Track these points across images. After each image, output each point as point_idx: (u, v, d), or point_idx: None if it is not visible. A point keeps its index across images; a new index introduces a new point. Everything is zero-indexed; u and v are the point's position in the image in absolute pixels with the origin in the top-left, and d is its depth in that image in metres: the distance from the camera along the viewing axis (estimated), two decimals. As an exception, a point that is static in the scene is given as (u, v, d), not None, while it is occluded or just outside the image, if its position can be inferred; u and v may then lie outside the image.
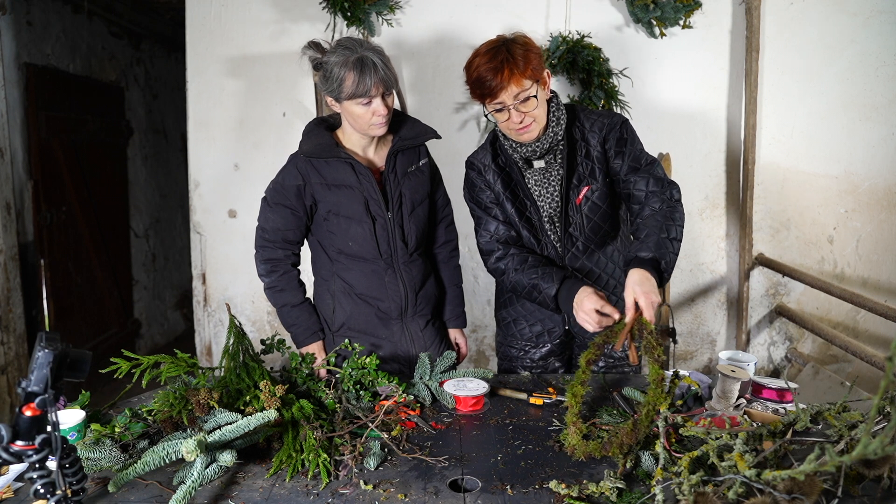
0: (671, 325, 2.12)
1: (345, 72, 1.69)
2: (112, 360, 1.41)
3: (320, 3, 2.96)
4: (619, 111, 3.02)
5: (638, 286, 1.47)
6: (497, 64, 1.60)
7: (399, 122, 1.88)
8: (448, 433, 1.48)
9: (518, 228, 1.84)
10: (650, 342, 1.38)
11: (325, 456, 1.30)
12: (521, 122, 1.66)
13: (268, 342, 1.73)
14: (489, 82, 1.61)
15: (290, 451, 1.32)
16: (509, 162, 1.81)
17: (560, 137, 1.74)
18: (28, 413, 0.96)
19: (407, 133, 1.89)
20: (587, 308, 1.57)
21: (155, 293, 5.24)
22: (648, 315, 1.44)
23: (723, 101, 3.13)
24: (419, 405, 1.61)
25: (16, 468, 1.14)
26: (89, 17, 4.24)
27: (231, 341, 1.56)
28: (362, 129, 1.79)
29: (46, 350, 0.97)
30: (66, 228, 3.99)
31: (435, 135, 1.92)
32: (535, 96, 1.65)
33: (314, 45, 1.78)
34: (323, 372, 1.76)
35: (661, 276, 1.54)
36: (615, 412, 1.55)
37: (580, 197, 1.78)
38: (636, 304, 1.45)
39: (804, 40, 3.08)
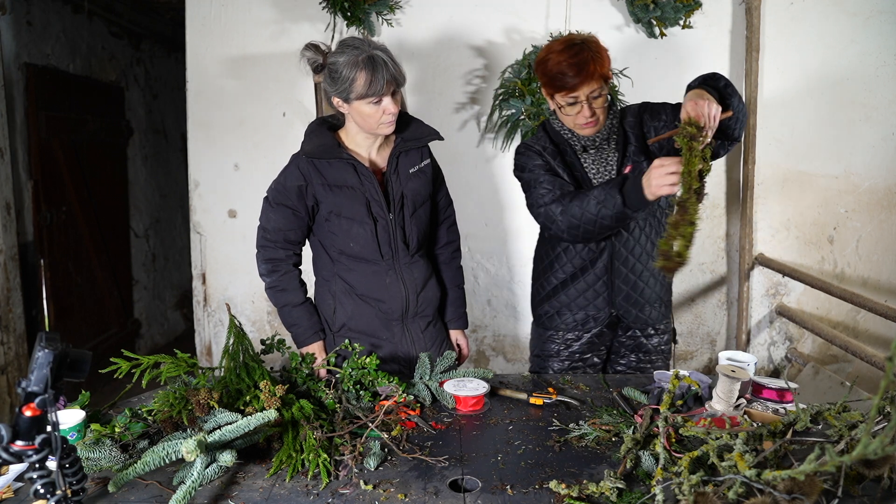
0: (671, 326, 2.13)
1: (356, 71, 1.68)
2: (112, 360, 1.41)
3: (320, 3, 2.96)
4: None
5: (687, 102, 1.55)
6: (581, 60, 1.75)
7: (402, 122, 1.88)
8: (448, 433, 1.48)
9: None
10: (685, 128, 1.45)
11: (325, 456, 1.30)
12: (591, 117, 1.82)
13: (268, 342, 1.73)
14: (571, 78, 1.76)
15: (290, 451, 1.32)
16: (564, 148, 1.94)
17: (616, 126, 1.93)
18: (28, 413, 0.96)
19: (410, 134, 1.89)
20: (661, 169, 1.59)
21: (155, 293, 5.24)
22: (696, 111, 1.51)
23: (723, 101, 3.13)
24: (419, 405, 1.61)
25: (16, 468, 1.14)
26: (89, 17, 4.24)
27: (231, 341, 1.56)
28: (371, 128, 1.78)
29: (46, 350, 0.97)
30: (66, 228, 3.99)
31: (437, 136, 1.92)
32: (604, 94, 1.81)
33: (313, 48, 1.77)
34: (323, 372, 1.76)
35: (721, 95, 1.62)
36: (615, 412, 1.55)
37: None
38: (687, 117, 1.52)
39: (804, 40, 3.08)
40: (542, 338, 2.10)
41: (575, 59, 1.75)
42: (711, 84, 1.66)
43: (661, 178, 1.58)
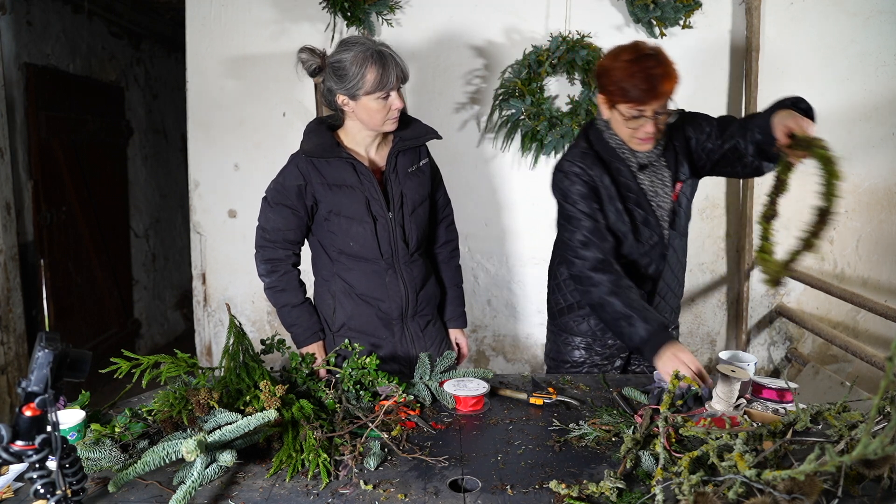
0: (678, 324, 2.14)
1: (366, 67, 1.68)
2: (112, 360, 1.41)
3: (320, 3, 2.96)
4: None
5: (782, 121, 1.50)
6: (656, 74, 1.64)
7: (401, 122, 1.87)
8: (448, 433, 1.48)
9: (620, 229, 1.83)
10: (808, 139, 1.43)
11: (325, 456, 1.30)
12: (652, 133, 1.72)
13: (268, 342, 1.73)
14: (643, 93, 1.65)
15: (290, 451, 1.32)
16: (617, 167, 1.81)
17: (667, 141, 1.85)
18: (28, 413, 0.96)
19: (408, 133, 1.89)
20: (685, 357, 1.57)
21: (155, 293, 5.24)
22: (801, 126, 1.46)
23: (723, 101, 3.13)
24: (419, 405, 1.61)
25: (16, 468, 1.14)
26: (89, 17, 4.24)
27: (231, 341, 1.56)
28: (377, 125, 1.78)
29: (46, 350, 0.97)
30: (66, 228, 3.99)
31: (436, 135, 1.92)
32: (668, 112, 1.72)
33: (308, 51, 1.77)
34: (323, 372, 1.76)
35: (807, 114, 1.56)
36: (615, 412, 1.55)
37: (675, 193, 1.87)
38: (790, 133, 1.48)
39: (804, 40, 3.08)
40: (566, 345, 2.02)
41: (651, 72, 1.65)
42: (796, 105, 1.62)
43: (684, 362, 1.56)
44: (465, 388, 1.62)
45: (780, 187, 1.57)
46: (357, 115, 1.79)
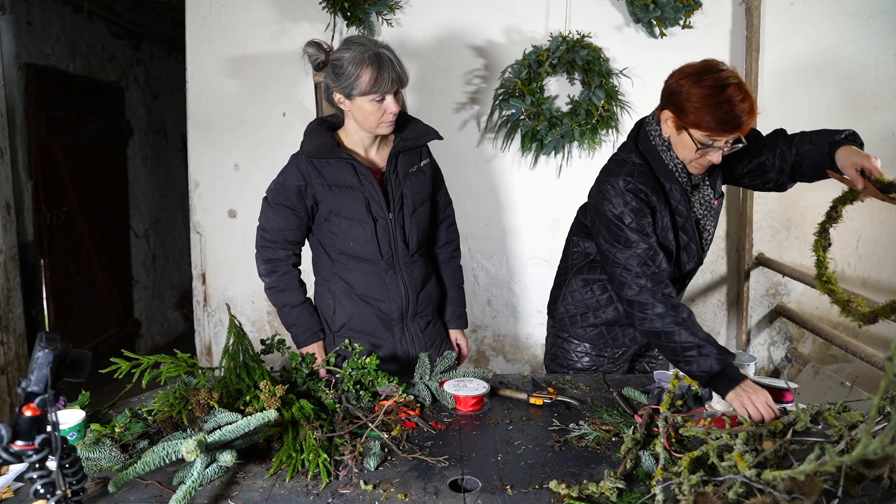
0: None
1: (362, 67, 1.68)
2: (112, 360, 1.41)
3: (320, 3, 2.96)
4: (619, 111, 3.02)
5: (853, 157, 1.49)
6: (745, 108, 1.54)
7: (402, 122, 1.88)
8: (448, 433, 1.48)
9: (666, 249, 1.75)
10: (887, 184, 1.44)
11: (325, 456, 1.30)
12: (717, 163, 1.64)
13: (268, 342, 1.73)
14: (730, 127, 1.55)
15: (290, 451, 1.32)
16: (671, 187, 1.73)
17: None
18: (28, 413, 0.96)
19: (409, 133, 1.88)
20: (762, 398, 1.46)
21: (155, 293, 5.24)
22: (878, 170, 1.45)
23: (723, 101, 3.13)
24: (419, 405, 1.61)
25: (16, 468, 1.14)
26: (89, 17, 4.24)
27: (231, 341, 1.56)
28: (371, 127, 1.78)
29: (46, 350, 0.97)
30: (66, 228, 3.99)
31: (437, 135, 1.92)
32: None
33: (315, 45, 1.78)
34: (323, 372, 1.76)
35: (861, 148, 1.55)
36: (615, 412, 1.55)
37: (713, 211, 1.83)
38: (861, 170, 1.47)
39: (804, 40, 3.08)
40: (568, 349, 1.98)
41: (739, 106, 1.53)
42: (851, 139, 1.60)
43: (759, 405, 1.44)
44: (465, 388, 1.62)
45: (835, 218, 1.59)
46: (353, 115, 1.79)
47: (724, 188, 1.92)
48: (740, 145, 1.62)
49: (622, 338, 1.94)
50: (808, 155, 1.60)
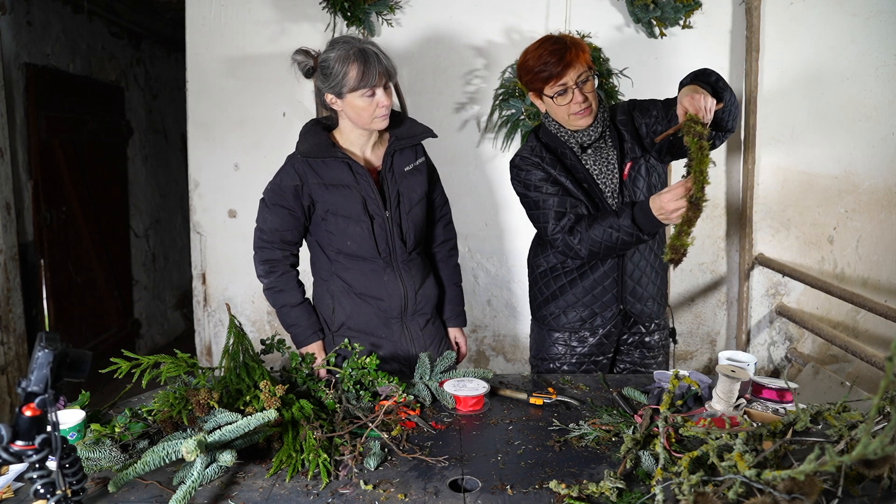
0: (671, 325, 2.13)
1: (348, 64, 1.70)
2: (112, 360, 1.41)
3: (320, 3, 2.96)
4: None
5: (684, 97, 1.59)
6: (560, 47, 1.78)
7: (397, 121, 1.89)
8: (448, 433, 1.48)
9: (579, 205, 1.90)
10: (688, 124, 1.47)
11: (325, 456, 1.30)
12: (584, 102, 1.81)
13: (268, 342, 1.73)
14: (553, 65, 1.78)
15: (290, 451, 1.32)
16: (563, 151, 1.92)
17: (608, 122, 1.93)
18: (28, 413, 0.96)
19: (404, 132, 1.89)
20: (668, 198, 1.63)
21: (155, 293, 5.24)
22: (694, 105, 1.53)
23: (723, 101, 3.13)
24: (419, 405, 1.61)
25: (16, 468, 1.14)
26: (89, 17, 4.24)
27: (231, 341, 1.56)
28: (365, 123, 1.79)
29: (46, 350, 0.97)
30: (66, 228, 3.99)
31: (431, 134, 1.93)
32: (591, 80, 1.83)
33: (303, 52, 1.80)
34: (323, 372, 1.76)
35: (714, 89, 1.65)
36: (615, 412, 1.55)
37: (626, 173, 1.92)
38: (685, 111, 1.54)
39: (804, 40, 3.07)
40: (546, 340, 2.06)
41: (555, 47, 1.79)
42: (703, 79, 1.69)
43: (674, 204, 1.60)
44: (465, 388, 1.62)
45: (696, 160, 1.54)
46: (346, 114, 1.80)
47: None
48: (588, 81, 1.82)
49: (588, 321, 2.00)
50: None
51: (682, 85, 1.71)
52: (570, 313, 2.01)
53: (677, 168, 1.92)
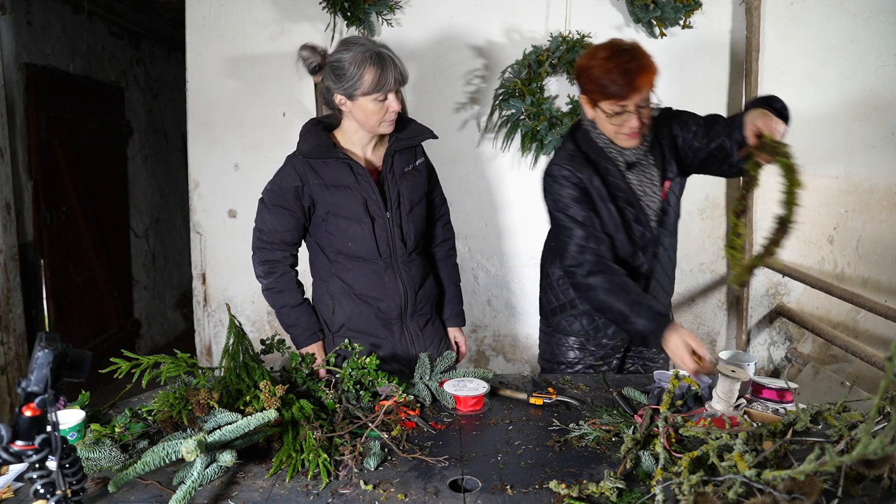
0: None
1: (364, 67, 1.68)
2: (112, 360, 1.41)
3: (320, 3, 2.96)
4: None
5: (753, 120, 1.53)
6: (634, 68, 1.66)
7: (398, 122, 1.88)
8: (448, 433, 1.48)
9: (611, 228, 1.84)
10: (772, 143, 1.46)
11: (325, 456, 1.30)
12: (637, 127, 1.72)
13: (268, 342, 1.73)
14: (621, 87, 1.66)
15: (290, 451, 1.32)
16: (605, 166, 1.82)
17: (653, 140, 1.85)
18: (28, 413, 0.96)
19: (404, 133, 1.89)
20: (690, 340, 1.59)
21: (155, 293, 5.24)
22: (768, 127, 1.49)
23: (723, 100, 3.13)
24: (419, 405, 1.61)
25: (16, 468, 1.14)
26: (89, 17, 4.24)
27: (231, 341, 1.56)
28: (373, 126, 1.78)
29: (46, 350, 0.97)
30: (66, 228, 3.99)
31: (432, 135, 1.93)
32: (650, 104, 1.74)
33: (309, 48, 1.77)
34: (323, 372, 1.76)
35: (780, 116, 1.59)
36: (615, 412, 1.55)
37: (664, 191, 1.87)
38: (758, 132, 1.51)
39: (804, 40, 3.07)
40: (561, 345, 2.01)
41: (627, 66, 1.66)
42: (770, 104, 1.64)
43: (692, 365, 1.57)
44: (465, 388, 1.62)
45: (749, 184, 1.58)
46: (353, 116, 1.79)
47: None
48: (654, 105, 1.74)
49: (604, 329, 1.96)
50: (739, 128, 1.65)
51: (748, 107, 1.65)
52: (585, 319, 1.96)
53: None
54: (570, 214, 1.81)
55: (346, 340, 1.84)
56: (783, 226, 1.43)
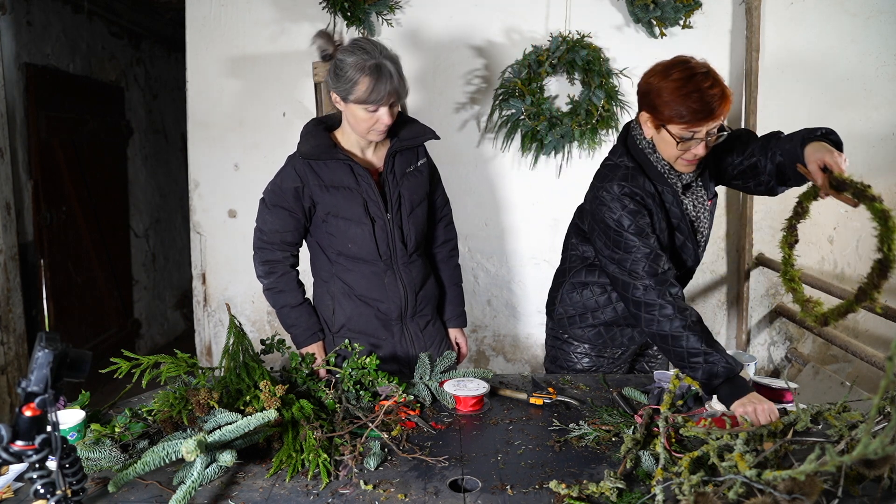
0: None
1: (360, 76, 1.67)
2: (112, 360, 1.41)
3: (320, 3, 2.96)
4: (619, 111, 3.02)
5: (817, 152, 1.44)
6: (715, 95, 1.55)
7: (399, 122, 1.87)
8: (448, 433, 1.48)
9: (669, 254, 1.76)
10: (857, 186, 1.40)
11: (325, 456, 1.30)
12: (702, 155, 1.64)
13: (268, 342, 1.73)
14: (699, 114, 1.55)
15: (290, 451, 1.32)
16: (663, 188, 1.73)
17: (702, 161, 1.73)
18: (28, 413, 0.96)
19: (406, 134, 1.88)
20: (767, 407, 1.44)
21: (155, 293, 5.24)
22: (838, 166, 1.40)
23: (723, 101, 3.13)
24: (419, 405, 1.61)
25: (16, 468, 1.14)
26: (89, 17, 4.24)
27: (231, 341, 1.56)
28: (361, 132, 1.78)
29: (46, 350, 0.97)
30: (66, 228, 3.99)
31: (434, 135, 1.92)
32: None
33: (325, 35, 1.78)
34: (323, 372, 1.76)
35: (838, 148, 1.49)
36: (615, 412, 1.55)
37: (709, 210, 1.83)
38: (824, 166, 1.42)
39: (804, 40, 3.08)
40: (572, 350, 1.97)
41: (711, 93, 1.54)
42: (827, 137, 1.54)
43: (765, 418, 1.41)
44: (465, 388, 1.62)
45: (801, 214, 1.57)
46: (346, 117, 1.80)
47: (719, 189, 1.92)
48: (724, 134, 1.61)
49: (620, 338, 1.93)
50: (788, 154, 1.59)
51: (803, 136, 1.54)
52: (603, 328, 1.92)
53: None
54: (633, 232, 1.66)
55: (347, 341, 1.84)
56: (883, 269, 1.43)
